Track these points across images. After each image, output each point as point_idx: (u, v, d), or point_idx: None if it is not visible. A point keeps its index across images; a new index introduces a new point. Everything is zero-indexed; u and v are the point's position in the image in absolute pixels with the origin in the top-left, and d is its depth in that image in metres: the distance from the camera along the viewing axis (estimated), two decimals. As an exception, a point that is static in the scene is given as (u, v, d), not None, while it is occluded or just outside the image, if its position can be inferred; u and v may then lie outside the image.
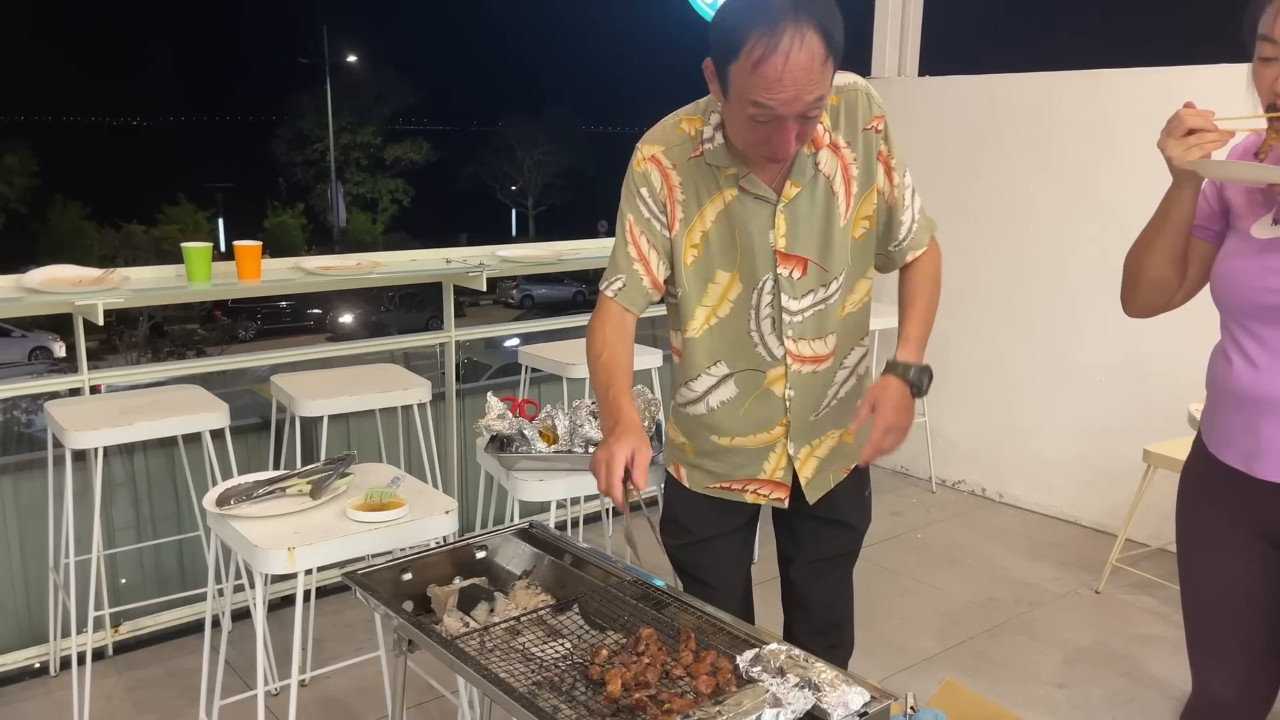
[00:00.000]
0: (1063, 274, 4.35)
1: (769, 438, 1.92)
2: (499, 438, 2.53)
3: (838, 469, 1.99)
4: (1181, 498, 1.90)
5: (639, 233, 1.83)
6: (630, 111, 40.50)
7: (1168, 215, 1.69)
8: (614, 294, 1.84)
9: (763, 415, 1.91)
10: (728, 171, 1.76)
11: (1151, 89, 4.03)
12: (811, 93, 1.55)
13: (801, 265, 1.81)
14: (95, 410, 2.86)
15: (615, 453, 1.65)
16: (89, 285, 3.04)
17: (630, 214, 1.83)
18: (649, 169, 1.80)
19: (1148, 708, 3.01)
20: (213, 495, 2.19)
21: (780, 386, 1.88)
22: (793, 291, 1.82)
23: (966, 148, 4.63)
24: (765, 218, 1.78)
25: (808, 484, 1.95)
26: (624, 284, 1.84)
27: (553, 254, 4.14)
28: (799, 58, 1.51)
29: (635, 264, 1.83)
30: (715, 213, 1.80)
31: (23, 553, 3.25)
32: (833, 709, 1.32)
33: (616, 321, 1.84)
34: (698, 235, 1.81)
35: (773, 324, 1.84)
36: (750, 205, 1.78)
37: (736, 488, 1.98)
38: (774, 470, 1.95)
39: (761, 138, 1.62)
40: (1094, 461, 4.32)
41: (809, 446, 1.94)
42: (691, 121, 1.79)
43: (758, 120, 1.59)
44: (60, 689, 3.07)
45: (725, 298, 1.84)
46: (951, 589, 3.80)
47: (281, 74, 35.12)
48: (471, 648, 1.59)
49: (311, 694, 3.05)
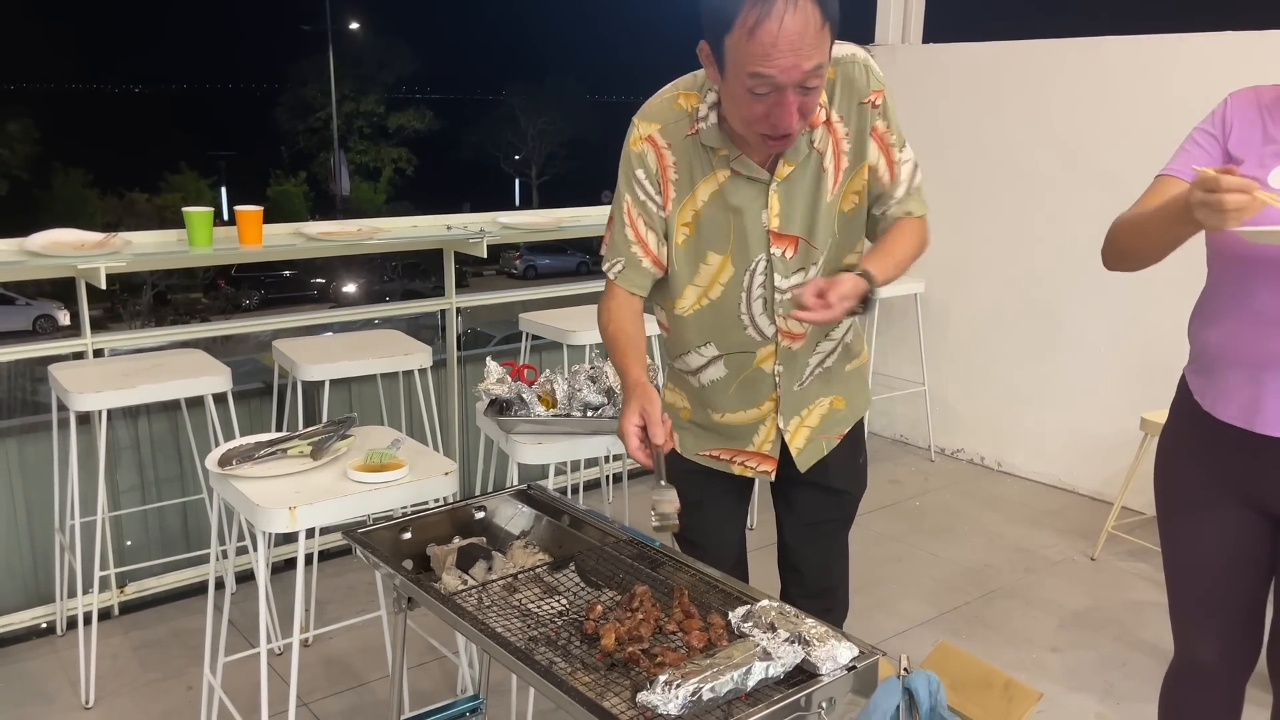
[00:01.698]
0: (1063, 242, 4.35)
1: (759, 413, 1.94)
2: (498, 401, 2.55)
3: (830, 436, 2.00)
4: (1161, 459, 1.90)
5: (636, 215, 1.82)
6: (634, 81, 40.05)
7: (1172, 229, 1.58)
8: (615, 276, 1.85)
9: (752, 393, 1.92)
10: (720, 153, 1.74)
11: (1152, 56, 4.01)
12: (809, 59, 1.53)
13: (793, 244, 1.80)
14: (99, 373, 2.88)
15: (627, 420, 1.66)
16: (91, 249, 3.06)
17: (628, 194, 1.82)
18: (645, 149, 1.79)
19: (1139, 671, 3.05)
20: (215, 456, 2.21)
21: (770, 364, 1.89)
22: (784, 270, 1.81)
23: (969, 115, 4.62)
24: (758, 198, 1.76)
25: (799, 453, 1.96)
26: (624, 266, 1.84)
27: (553, 221, 4.14)
28: (794, 21, 1.49)
29: (634, 246, 1.83)
30: (709, 193, 1.78)
31: (29, 514, 3.29)
32: (821, 663, 1.35)
33: (623, 298, 1.85)
34: (689, 214, 1.80)
35: (764, 304, 1.83)
36: (743, 186, 1.76)
37: (725, 457, 1.99)
38: (762, 443, 1.96)
39: (761, 113, 1.58)
40: (1092, 430, 4.34)
41: (799, 417, 1.95)
42: (689, 98, 1.77)
43: (756, 93, 1.56)
44: (67, 648, 3.12)
45: (717, 280, 1.83)
46: (948, 555, 3.83)
47: (284, 41, 34.92)
48: (469, 604, 1.62)
49: (314, 653, 3.10)
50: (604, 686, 1.38)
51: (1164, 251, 1.66)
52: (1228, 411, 1.69)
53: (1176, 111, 3.95)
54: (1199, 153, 1.70)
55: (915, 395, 4.90)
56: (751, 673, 1.31)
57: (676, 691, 1.26)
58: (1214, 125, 1.71)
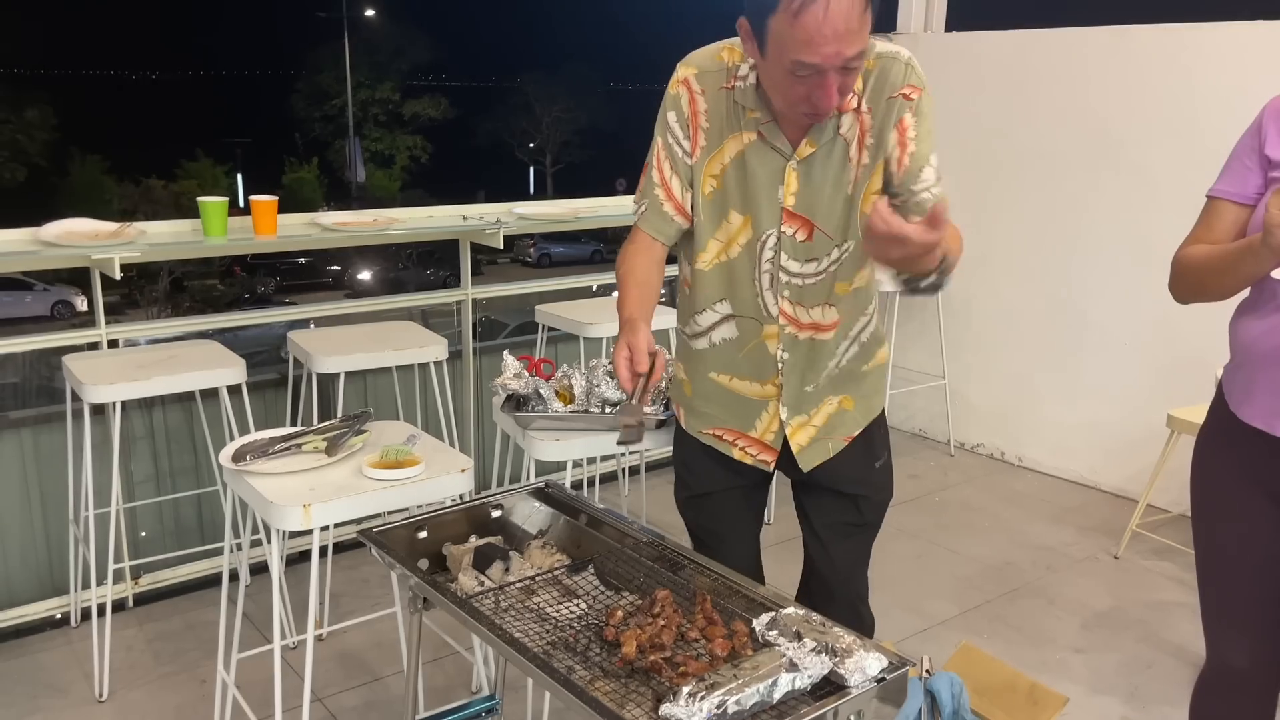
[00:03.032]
0: (1088, 235, 4.28)
1: (762, 391, 1.90)
2: (515, 397, 2.52)
3: (836, 438, 1.95)
4: (1197, 461, 1.86)
5: (664, 158, 1.82)
6: (650, 69, 39.84)
7: (1252, 267, 1.55)
8: (638, 218, 1.85)
9: (758, 365, 1.89)
10: (751, 114, 1.73)
11: (1182, 45, 3.94)
12: (852, 46, 1.51)
13: (807, 228, 1.77)
14: (113, 364, 2.86)
15: (615, 355, 1.67)
16: (105, 239, 3.03)
17: (659, 138, 1.82)
18: (680, 91, 1.78)
19: (1164, 673, 3.00)
20: (228, 451, 2.18)
21: (774, 344, 1.86)
22: (794, 253, 1.79)
23: (993, 105, 4.54)
24: (776, 171, 1.75)
25: (800, 451, 1.92)
26: (647, 207, 1.83)
27: (570, 212, 4.10)
28: (840, 5, 1.47)
29: (657, 189, 1.82)
30: (734, 150, 1.76)
31: (44, 505, 3.28)
32: (850, 674, 1.31)
33: (643, 243, 1.84)
34: (717, 167, 1.79)
35: (770, 280, 1.82)
36: (765, 154, 1.74)
37: (727, 438, 1.96)
38: (764, 431, 1.93)
39: (802, 94, 1.58)
40: (1116, 426, 4.28)
41: (804, 415, 1.91)
42: (732, 52, 1.75)
43: (798, 75, 1.55)
44: (81, 640, 3.10)
45: (736, 240, 1.82)
46: (969, 552, 3.79)
47: (300, 28, 34.86)
48: (486, 607, 1.59)
49: (328, 648, 3.08)
50: (624, 696, 1.34)
51: (1249, 284, 1.65)
52: (1252, 413, 1.66)
53: (1207, 102, 3.91)
54: (1241, 169, 1.68)
55: (935, 389, 4.85)
56: (778, 685, 1.27)
57: (701, 704, 1.22)
58: (1253, 136, 1.68)
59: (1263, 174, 1.64)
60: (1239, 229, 1.67)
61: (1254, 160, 1.65)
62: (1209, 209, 1.73)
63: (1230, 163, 1.71)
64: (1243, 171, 1.67)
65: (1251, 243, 1.51)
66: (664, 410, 2.35)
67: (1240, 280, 1.61)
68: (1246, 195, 1.66)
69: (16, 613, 3.21)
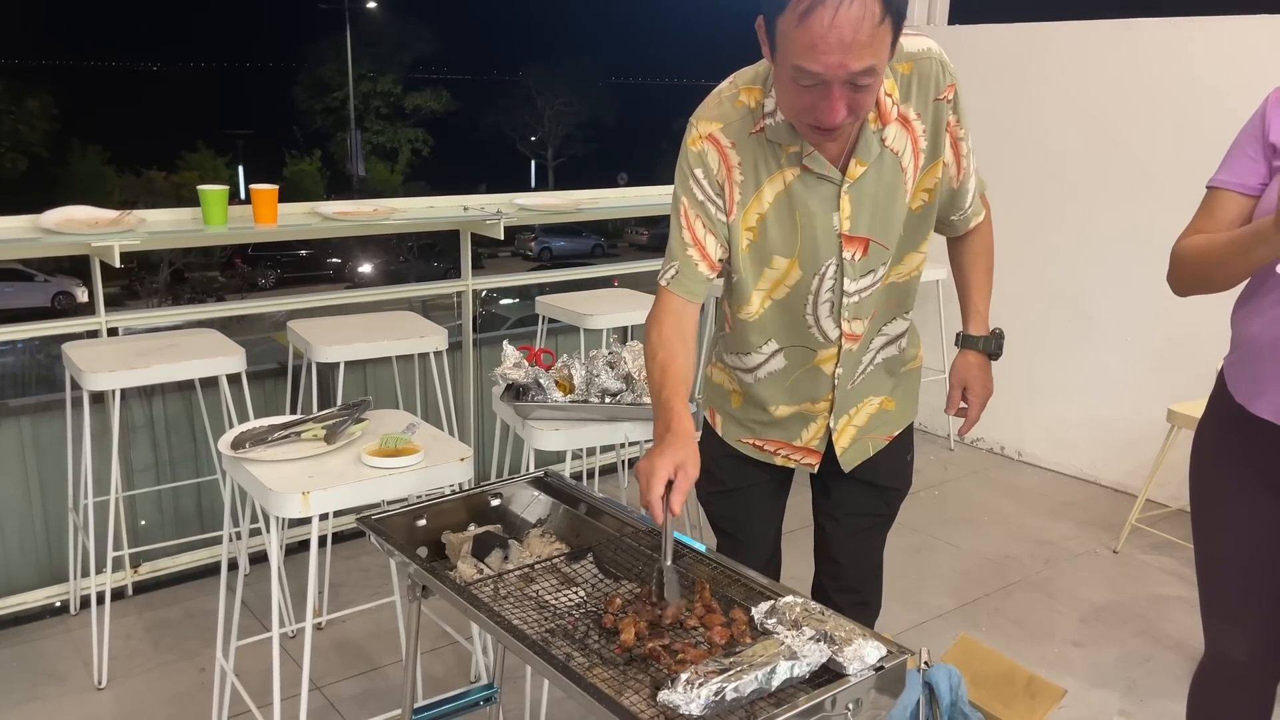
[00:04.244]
0: (1090, 229, 4.28)
1: (813, 410, 1.88)
2: (515, 386, 2.51)
3: (877, 437, 1.95)
4: (1197, 453, 1.86)
5: (694, 216, 1.70)
6: (652, 62, 39.78)
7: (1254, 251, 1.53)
8: (668, 283, 1.72)
9: (809, 389, 1.86)
10: (790, 149, 1.63)
11: (1185, 39, 3.93)
12: (860, 60, 1.40)
13: (863, 246, 1.71)
14: (112, 352, 2.86)
15: (658, 466, 1.52)
16: (105, 227, 3.03)
17: (685, 197, 1.70)
18: (705, 149, 1.67)
19: (1163, 667, 3.00)
20: (228, 438, 2.18)
21: (830, 365, 1.83)
22: (853, 273, 1.73)
23: (995, 99, 4.53)
24: (829, 199, 1.66)
25: (844, 453, 1.91)
26: (678, 271, 1.71)
27: (571, 203, 4.09)
28: (850, 13, 1.37)
29: (690, 249, 1.70)
30: (774, 194, 1.67)
31: (43, 493, 3.28)
32: (848, 663, 1.30)
33: (675, 318, 1.72)
34: (754, 218, 1.69)
35: (831, 308, 1.75)
36: (813, 185, 1.66)
37: (769, 449, 1.94)
38: (810, 439, 1.91)
39: (806, 104, 1.48)
40: (1116, 421, 4.28)
41: (846, 416, 1.90)
42: (751, 92, 1.66)
43: (801, 84, 1.46)
44: (80, 627, 3.11)
45: (783, 283, 1.74)
46: (968, 546, 3.79)
47: (302, 20, 34.79)
48: (485, 594, 1.59)
49: (327, 637, 3.08)
50: (622, 683, 1.34)
51: (1249, 275, 1.64)
52: (1263, 406, 1.65)
53: (1209, 96, 3.90)
54: (1244, 159, 1.66)
55: (936, 383, 4.83)
56: (776, 672, 1.27)
57: (699, 691, 1.22)
58: (1256, 125, 1.67)
59: (1267, 163, 1.63)
60: (1241, 219, 1.66)
61: (1257, 150, 1.64)
62: (1210, 199, 1.71)
63: (1232, 153, 1.69)
64: (1245, 161, 1.66)
65: (1260, 227, 1.48)
66: None
67: (1247, 267, 1.58)
68: (1249, 185, 1.66)
69: (16, 600, 3.21)
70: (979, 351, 2.04)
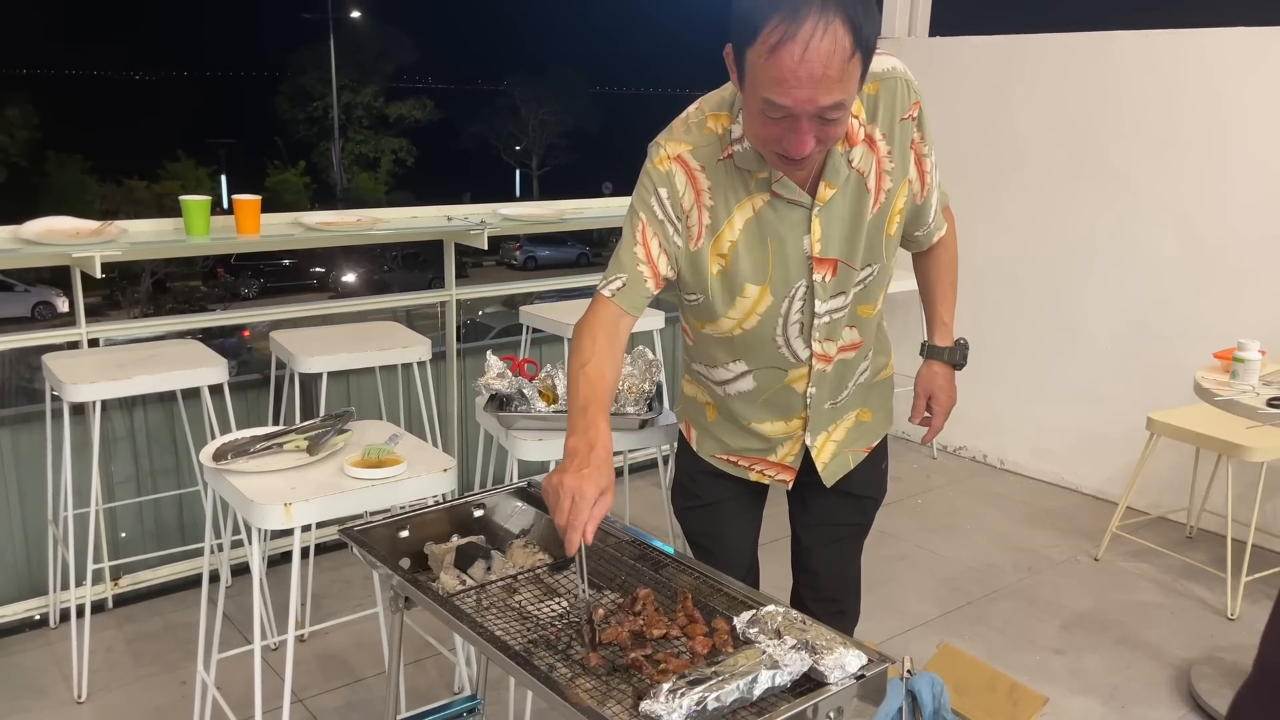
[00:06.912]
0: (1070, 239, 4.31)
1: (786, 428, 1.89)
2: (498, 397, 2.51)
3: (857, 450, 1.96)
4: None
5: (650, 234, 1.68)
6: (635, 72, 39.87)
7: None
8: (612, 294, 1.68)
9: (781, 407, 1.87)
10: (758, 175, 1.63)
11: (1163, 52, 3.97)
12: (830, 95, 1.40)
13: (832, 267, 1.71)
14: (93, 363, 2.84)
15: (586, 489, 1.43)
16: (86, 237, 3.01)
17: (643, 213, 1.68)
18: (673, 169, 1.66)
19: (1143, 674, 3.02)
20: (209, 450, 2.17)
21: (802, 385, 1.83)
22: (823, 294, 1.73)
23: (976, 110, 4.57)
24: (799, 223, 1.66)
25: (824, 468, 1.92)
26: (624, 284, 1.68)
27: (555, 213, 4.10)
28: (820, 47, 1.35)
29: (641, 265, 1.68)
30: (743, 220, 1.66)
31: (22, 505, 3.25)
32: (830, 671, 1.31)
33: (610, 328, 1.69)
34: (726, 245, 1.68)
35: (800, 329, 1.76)
36: (783, 210, 1.65)
37: (743, 464, 1.95)
38: (785, 456, 1.92)
39: (774, 135, 1.48)
40: (1096, 429, 4.31)
41: (825, 433, 1.91)
42: (718, 119, 1.65)
43: (769, 116, 1.45)
44: (60, 641, 3.08)
45: (754, 311, 1.74)
46: (950, 554, 3.80)
47: (284, 29, 34.71)
48: (468, 605, 1.58)
49: (309, 649, 3.06)
50: (605, 693, 1.34)
51: None
52: None
53: (1188, 108, 3.95)
54: None
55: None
56: (758, 682, 1.27)
57: (680, 700, 1.22)
58: None
59: None
60: None
61: None
62: None
63: None
64: None
65: None
66: (646, 409, 2.35)
67: None
68: None
69: (-6, 614, 3.19)
70: (944, 362, 2.05)
